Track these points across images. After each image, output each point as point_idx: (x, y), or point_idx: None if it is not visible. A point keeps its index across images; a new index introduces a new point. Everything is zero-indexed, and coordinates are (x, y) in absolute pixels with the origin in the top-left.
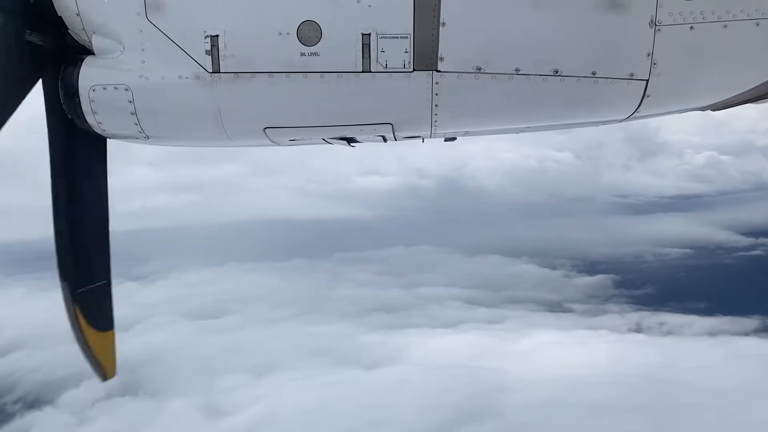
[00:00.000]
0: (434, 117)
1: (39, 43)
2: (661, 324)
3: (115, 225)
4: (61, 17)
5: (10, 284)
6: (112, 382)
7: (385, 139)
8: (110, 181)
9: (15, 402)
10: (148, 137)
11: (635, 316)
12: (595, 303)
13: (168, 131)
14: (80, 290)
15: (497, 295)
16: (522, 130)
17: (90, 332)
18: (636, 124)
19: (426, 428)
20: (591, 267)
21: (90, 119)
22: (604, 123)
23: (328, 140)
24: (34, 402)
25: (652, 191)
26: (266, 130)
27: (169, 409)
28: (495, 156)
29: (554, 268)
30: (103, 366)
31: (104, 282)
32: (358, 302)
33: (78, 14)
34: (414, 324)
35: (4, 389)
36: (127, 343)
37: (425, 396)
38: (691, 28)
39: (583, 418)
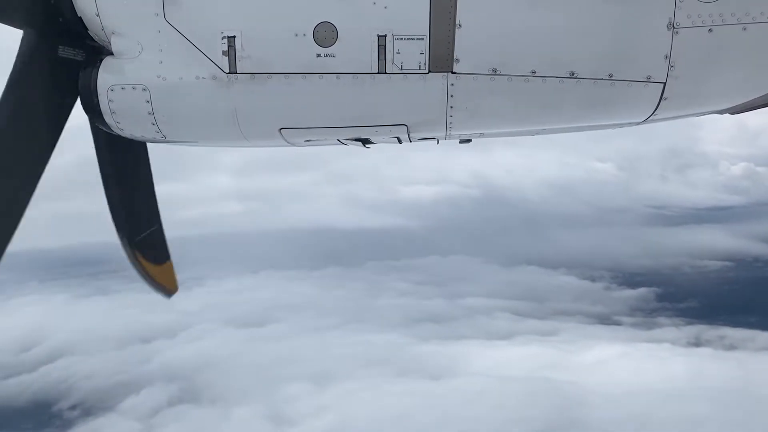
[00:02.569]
0: (449, 119)
1: (73, 58)
2: (722, 338)
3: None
4: (81, 18)
5: (45, 290)
6: (171, 390)
7: (400, 141)
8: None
9: (71, 408)
10: (165, 137)
11: (693, 330)
12: (641, 316)
13: (185, 131)
14: (136, 239)
15: (543, 307)
16: (537, 133)
17: (151, 267)
18: (673, 134)
19: None
20: (631, 279)
21: (108, 119)
22: (620, 126)
23: (343, 141)
24: (92, 408)
25: (687, 202)
26: (282, 130)
27: (235, 417)
28: (540, 166)
29: (594, 280)
30: (166, 288)
31: (156, 227)
32: (402, 312)
33: (98, 15)
34: (465, 335)
35: (58, 396)
36: (177, 351)
37: (507, 408)
38: (710, 30)
39: None
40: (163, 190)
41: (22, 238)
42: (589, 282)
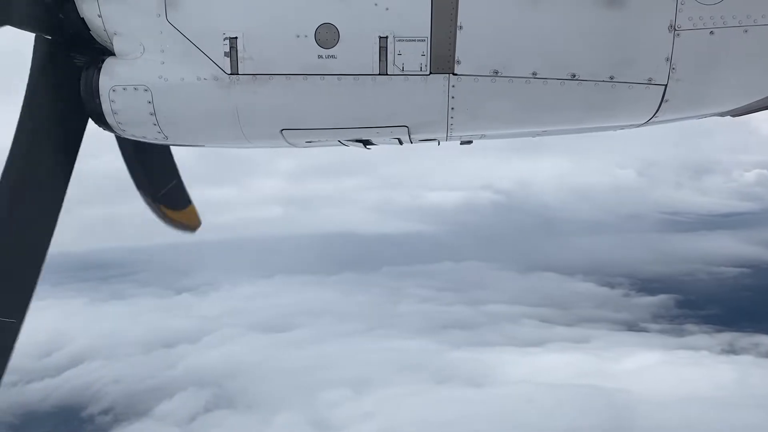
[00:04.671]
0: (450, 120)
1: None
2: (756, 345)
3: (180, 236)
4: (83, 19)
5: (59, 294)
6: (205, 395)
7: (401, 142)
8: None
9: (103, 413)
10: (166, 137)
11: (725, 337)
12: (664, 323)
13: (186, 132)
14: (159, 194)
15: (568, 314)
16: (539, 134)
17: (174, 213)
18: (687, 140)
19: None
20: (648, 286)
21: (110, 119)
22: (621, 128)
23: (344, 142)
24: (124, 413)
25: (701, 209)
26: (283, 131)
27: (277, 423)
28: (563, 172)
29: (613, 287)
30: (190, 226)
31: (175, 181)
32: (425, 318)
33: (100, 16)
34: (494, 342)
35: (85, 400)
36: (202, 355)
37: (560, 416)
38: (711, 33)
39: None
40: (209, 195)
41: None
42: (608, 289)
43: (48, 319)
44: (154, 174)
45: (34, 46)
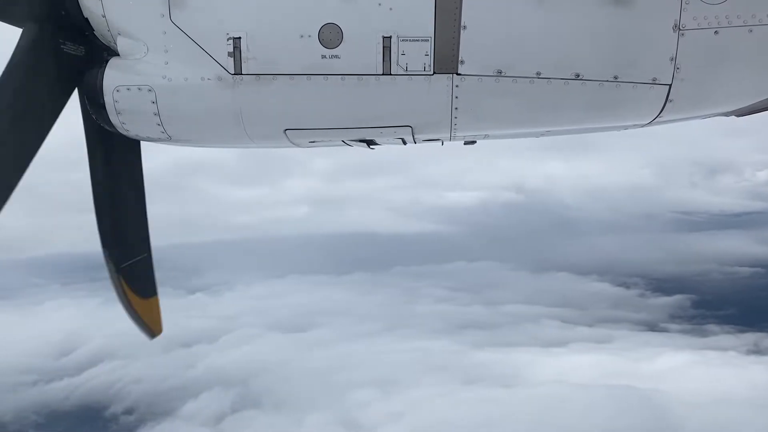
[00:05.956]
0: (454, 120)
1: (73, 53)
2: None
3: (196, 236)
4: (87, 19)
5: (69, 294)
6: (230, 395)
7: (404, 142)
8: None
9: (126, 413)
10: (170, 138)
11: (749, 337)
12: (682, 323)
13: (190, 132)
14: (123, 265)
15: (586, 314)
16: (542, 134)
17: (135, 299)
18: (701, 141)
19: None
20: (664, 286)
21: (114, 119)
22: (625, 128)
23: (348, 142)
24: (148, 413)
25: (713, 208)
26: (287, 131)
27: (308, 423)
28: (583, 173)
29: (628, 287)
30: (149, 326)
31: (144, 255)
32: (443, 318)
33: (104, 16)
34: (516, 342)
35: (108, 400)
36: (222, 355)
37: (595, 416)
38: (716, 32)
39: None
40: (241, 195)
41: (43, 244)
42: (623, 289)
43: (63, 319)
44: (125, 239)
45: (22, 32)
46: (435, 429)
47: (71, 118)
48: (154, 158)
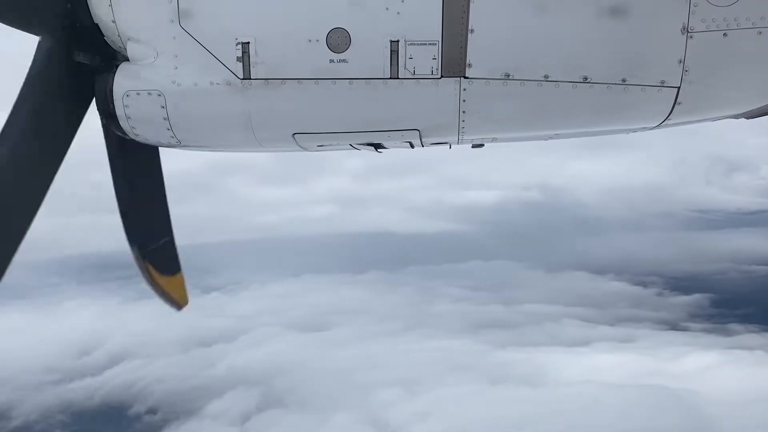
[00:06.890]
0: (462, 123)
1: (88, 62)
2: None
3: (217, 236)
4: (97, 25)
5: (87, 294)
6: (254, 394)
7: (412, 146)
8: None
9: (150, 412)
10: (180, 142)
11: None
12: (702, 321)
13: (199, 136)
14: (149, 249)
15: (606, 313)
16: (550, 137)
17: (161, 278)
18: (717, 139)
19: None
20: (681, 284)
21: (124, 124)
22: (634, 131)
23: (356, 146)
24: (172, 412)
25: (729, 206)
26: (295, 135)
27: (334, 422)
28: (601, 172)
29: (646, 286)
30: (176, 300)
31: (168, 238)
32: (463, 318)
33: (114, 21)
34: (538, 342)
35: (130, 399)
36: (242, 354)
37: (629, 416)
38: (725, 34)
39: None
40: (270, 194)
41: (61, 244)
42: (641, 288)
43: (82, 319)
44: (147, 226)
45: (39, 42)
46: (464, 428)
47: (89, 120)
48: (189, 159)
